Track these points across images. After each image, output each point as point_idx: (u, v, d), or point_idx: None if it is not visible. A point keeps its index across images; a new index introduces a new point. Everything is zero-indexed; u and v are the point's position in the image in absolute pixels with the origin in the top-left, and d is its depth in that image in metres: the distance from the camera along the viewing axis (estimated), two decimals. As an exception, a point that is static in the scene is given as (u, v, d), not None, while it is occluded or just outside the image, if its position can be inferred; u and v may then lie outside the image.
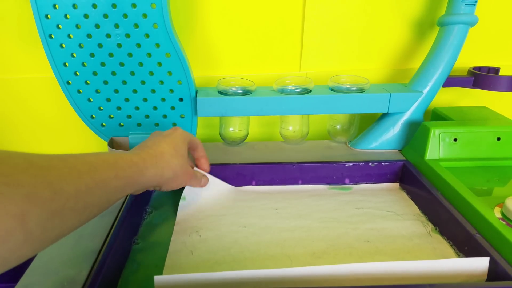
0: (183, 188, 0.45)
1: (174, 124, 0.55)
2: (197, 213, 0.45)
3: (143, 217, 0.45)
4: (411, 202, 0.47)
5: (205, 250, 0.38)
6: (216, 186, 0.48)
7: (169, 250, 0.39)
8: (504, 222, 0.35)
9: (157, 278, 0.30)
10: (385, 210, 0.45)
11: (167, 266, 0.36)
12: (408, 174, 0.49)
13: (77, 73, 0.51)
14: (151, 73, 0.51)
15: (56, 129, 0.66)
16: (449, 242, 0.39)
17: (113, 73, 0.51)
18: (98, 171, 0.29)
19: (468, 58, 0.61)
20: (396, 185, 0.51)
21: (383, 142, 0.56)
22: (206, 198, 0.47)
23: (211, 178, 0.47)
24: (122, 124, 0.55)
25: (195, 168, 0.46)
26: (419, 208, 0.45)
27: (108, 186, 0.29)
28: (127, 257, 0.38)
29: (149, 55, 0.50)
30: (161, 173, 0.36)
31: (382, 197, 0.48)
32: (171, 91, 0.52)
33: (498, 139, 0.47)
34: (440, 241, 0.39)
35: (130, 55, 0.50)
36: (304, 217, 0.44)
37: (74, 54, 0.49)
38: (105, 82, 0.52)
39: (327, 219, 0.43)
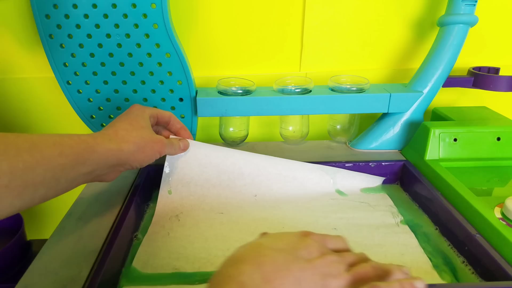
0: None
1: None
2: (180, 189, 0.46)
3: (144, 212, 0.45)
4: (386, 195, 0.48)
5: (182, 233, 0.41)
6: (202, 150, 0.47)
7: (148, 231, 0.41)
8: (504, 222, 0.35)
9: None
10: (359, 201, 0.46)
11: (143, 244, 0.39)
12: (408, 174, 0.49)
13: (77, 73, 0.51)
14: (151, 73, 0.51)
15: (56, 129, 0.66)
16: (449, 244, 0.39)
17: (113, 73, 0.51)
18: (39, 149, 0.28)
19: (468, 58, 0.61)
20: (380, 178, 0.51)
21: (383, 142, 0.56)
22: (191, 168, 0.46)
23: (195, 142, 0.47)
24: (122, 124, 0.55)
25: (171, 136, 0.45)
26: (419, 208, 0.45)
27: (52, 164, 0.29)
28: (128, 252, 0.38)
29: (149, 55, 0.50)
30: (118, 147, 0.35)
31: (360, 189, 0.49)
32: (171, 91, 0.52)
33: (498, 139, 0.47)
34: (406, 231, 0.40)
35: (130, 55, 0.50)
36: (280, 206, 0.46)
37: (74, 54, 0.49)
38: (105, 82, 0.51)
39: (301, 209, 0.45)
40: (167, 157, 0.45)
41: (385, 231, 0.40)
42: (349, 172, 0.50)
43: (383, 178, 0.51)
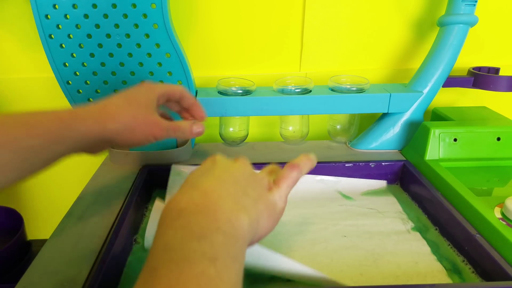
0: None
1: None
2: None
3: (143, 215, 0.45)
4: (395, 199, 0.47)
5: None
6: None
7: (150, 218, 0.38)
8: (504, 222, 0.35)
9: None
10: (367, 208, 0.45)
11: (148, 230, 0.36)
12: (408, 174, 0.49)
13: (77, 73, 0.51)
14: (151, 73, 0.51)
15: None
16: (448, 244, 0.39)
17: (113, 73, 0.51)
18: (4, 130, 0.27)
19: (468, 58, 0.61)
20: (383, 182, 0.51)
21: (383, 142, 0.56)
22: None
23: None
24: (122, 124, 0.55)
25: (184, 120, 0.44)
26: (419, 208, 0.45)
27: (19, 146, 0.27)
28: (128, 256, 0.38)
29: (149, 55, 0.50)
30: (100, 126, 0.33)
31: (367, 194, 0.49)
32: (171, 91, 0.52)
33: (498, 139, 0.47)
34: (418, 239, 0.39)
35: (130, 55, 0.50)
36: (286, 213, 0.44)
37: (74, 54, 0.49)
38: (105, 82, 0.51)
39: (309, 215, 0.44)
40: (171, 173, 0.46)
41: (397, 239, 0.39)
42: (351, 180, 0.50)
43: (385, 181, 0.51)
